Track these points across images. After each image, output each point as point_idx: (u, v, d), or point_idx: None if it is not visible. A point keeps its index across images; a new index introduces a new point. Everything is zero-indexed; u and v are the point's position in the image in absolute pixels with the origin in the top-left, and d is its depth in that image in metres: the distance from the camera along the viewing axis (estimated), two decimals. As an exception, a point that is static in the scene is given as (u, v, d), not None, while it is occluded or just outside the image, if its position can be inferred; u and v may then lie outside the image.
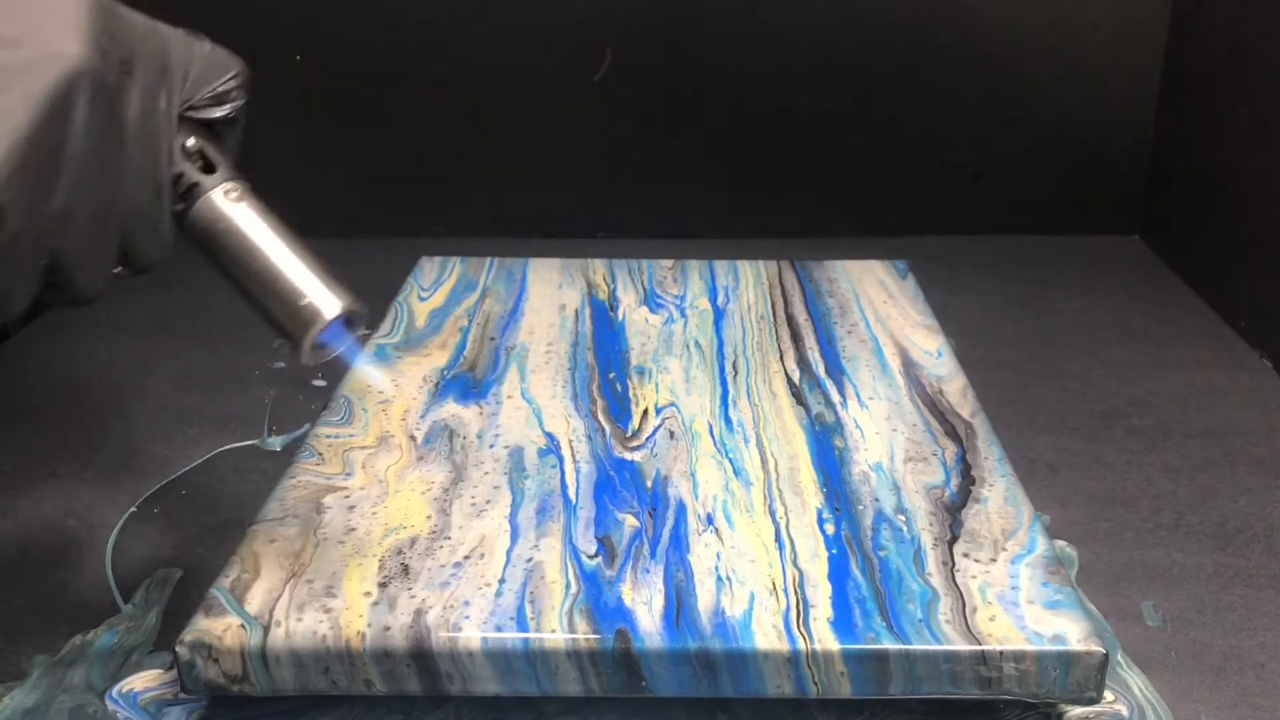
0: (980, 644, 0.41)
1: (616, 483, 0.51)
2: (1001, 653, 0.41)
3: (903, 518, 0.48)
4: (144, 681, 0.46)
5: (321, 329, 0.41)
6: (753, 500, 0.50)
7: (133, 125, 0.35)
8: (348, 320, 0.42)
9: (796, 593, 0.44)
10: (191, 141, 0.39)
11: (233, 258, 0.40)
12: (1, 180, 0.31)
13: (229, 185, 0.40)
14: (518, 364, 0.62)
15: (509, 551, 0.46)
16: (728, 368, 0.62)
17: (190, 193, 0.39)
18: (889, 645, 0.41)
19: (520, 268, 0.75)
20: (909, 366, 0.61)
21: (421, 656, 0.41)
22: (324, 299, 0.41)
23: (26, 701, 0.45)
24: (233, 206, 0.40)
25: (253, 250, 0.40)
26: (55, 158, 0.33)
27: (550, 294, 0.71)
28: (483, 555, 0.46)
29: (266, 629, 0.42)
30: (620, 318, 0.68)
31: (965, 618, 0.42)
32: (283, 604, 0.43)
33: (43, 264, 0.35)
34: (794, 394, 0.59)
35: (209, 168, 0.39)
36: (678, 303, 0.70)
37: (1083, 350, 0.74)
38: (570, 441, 0.54)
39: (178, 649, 0.42)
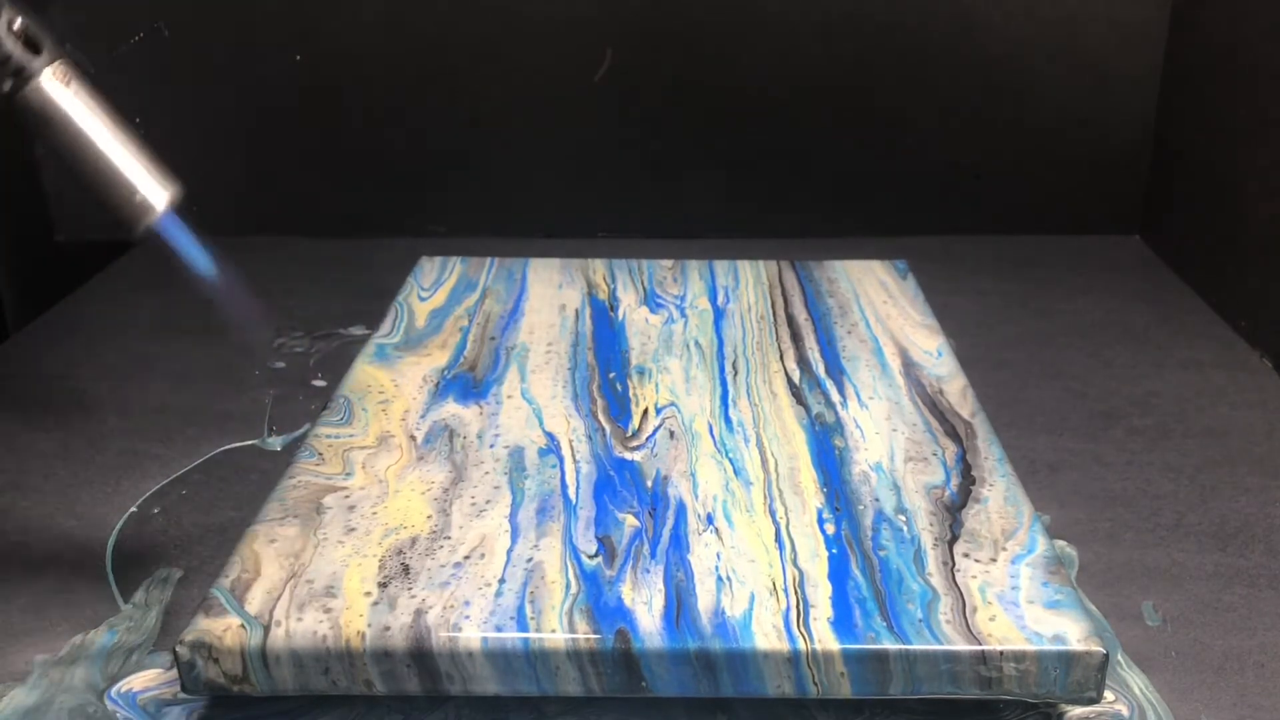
0: (980, 644, 0.41)
1: (616, 483, 0.51)
2: (1001, 653, 0.41)
3: (903, 518, 0.48)
4: (143, 681, 0.46)
5: (153, 220, 0.47)
6: (753, 500, 0.50)
7: None
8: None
9: (796, 593, 0.44)
10: (18, 23, 0.41)
11: (65, 142, 0.44)
12: None
13: (56, 67, 0.43)
14: (518, 364, 0.62)
15: (509, 551, 0.46)
16: (728, 368, 0.62)
17: (20, 74, 0.42)
18: (889, 645, 0.41)
19: (520, 268, 0.75)
20: (909, 366, 0.61)
21: (421, 656, 0.41)
22: (153, 192, 0.47)
23: (26, 701, 0.45)
24: (62, 92, 0.43)
25: (84, 139, 0.44)
26: None
27: (550, 294, 0.71)
28: (483, 555, 0.46)
29: (266, 629, 0.42)
30: (620, 318, 0.68)
31: (965, 618, 0.42)
32: (283, 604, 0.43)
33: None
34: (794, 394, 0.59)
35: (34, 48, 0.42)
36: (678, 303, 0.70)
37: (1083, 350, 0.74)
38: (570, 441, 0.54)
39: (178, 649, 0.42)
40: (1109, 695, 0.45)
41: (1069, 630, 0.42)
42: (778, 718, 0.44)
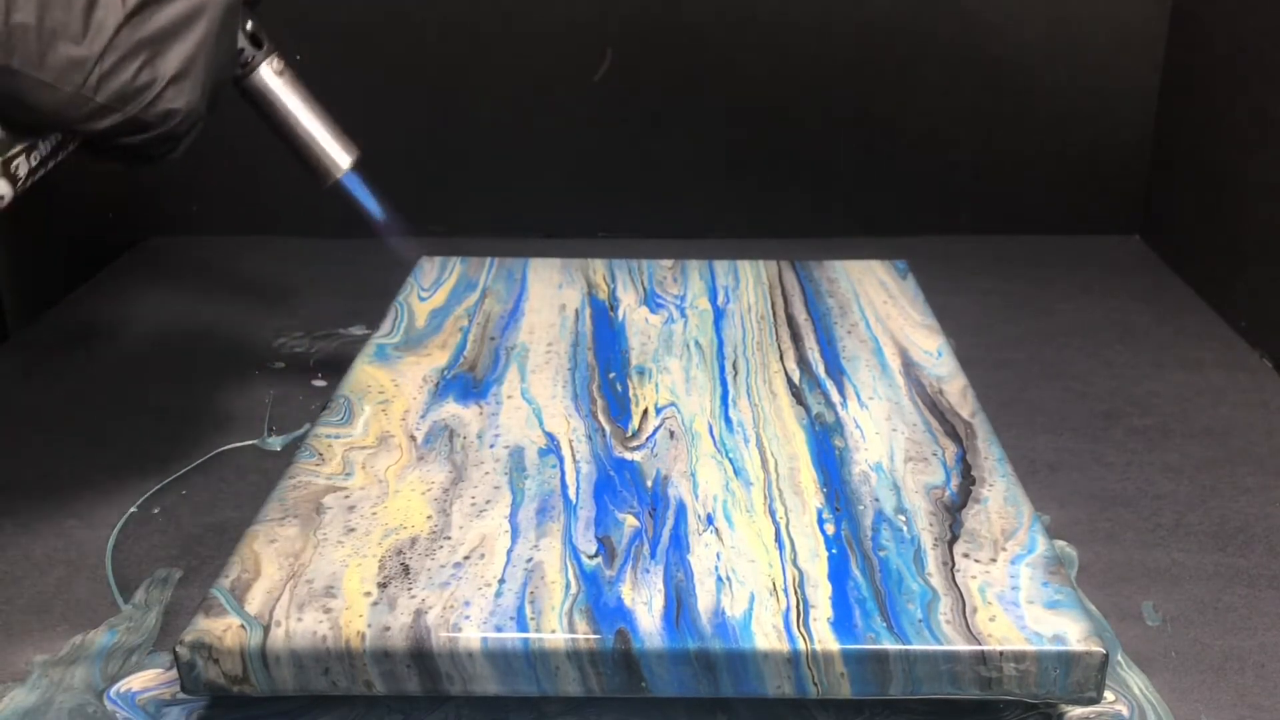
0: (980, 644, 0.41)
1: (616, 483, 0.51)
2: (1001, 653, 0.41)
3: (903, 518, 0.48)
4: (142, 681, 0.46)
5: (336, 178, 0.59)
6: (753, 500, 0.50)
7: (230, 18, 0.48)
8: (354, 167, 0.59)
9: (796, 593, 0.44)
10: (250, 25, 0.53)
11: (274, 118, 0.56)
12: (194, 86, 0.46)
13: (273, 59, 0.55)
14: (518, 364, 0.62)
15: (509, 551, 0.46)
16: (728, 368, 0.62)
17: (246, 65, 0.54)
18: (889, 645, 0.41)
19: (520, 268, 0.75)
20: (909, 366, 0.61)
21: (421, 657, 0.41)
22: (340, 156, 0.58)
23: (26, 701, 0.45)
24: (276, 79, 0.55)
25: (289, 115, 0.56)
26: (210, 57, 0.46)
27: (550, 294, 0.71)
28: (483, 555, 0.46)
29: (266, 629, 0.42)
30: (620, 318, 0.68)
31: (965, 618, 0.42)
32: (283, 604, 0.43)
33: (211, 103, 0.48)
34: (794, 394, 0.59)
35: (258, 43, 0.54)
36: (678, 303, 0.70)
37: (1083, 350, 0.74)
38: (570, 441, 0.54)
39: (178, 649, 0.42)
40: (1109, 695, 0.45)
41: (1069, 630, 0.42)
42: (778, 718, 0.44)
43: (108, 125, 0.44)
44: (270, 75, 0.55)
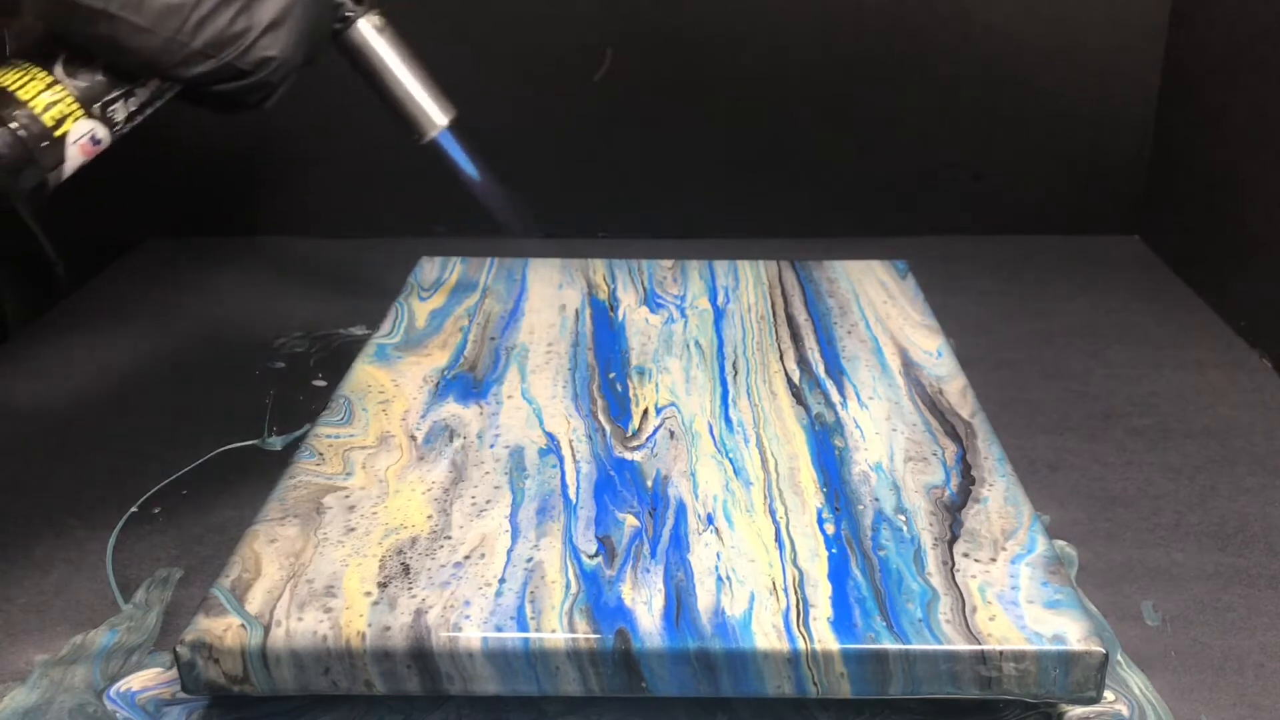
0: (980, 644, 0.41)
1: (616, 483, 0.51)
2: (1001, 652, 0.41)
3: (903, 518, 0.48)
4: (141, 681, 0.46)
5: (432, 136, 0.60)
6: (753, 500, 0.50)
7: None
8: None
9: (796, 592, 0.44)
10: None
11: (372, 73, 0.57)
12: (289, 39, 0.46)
13: (372, 15, 0.56)
14: (518, 364, 0.62)
15: (509, 551, 0.46)
16: (728, 368, 0.62)
17: (345, 20, 0.55)
18: (889, 645, 0.41)
19: (520, 268, 0.75)
20: (909, 366, 0.61)
21: (421, 656, 0.41)
22: (436, 114, 0.60)
23: (26, 701, 0.45)
24: (375, 35, 0.56)
25: (387, 71, 0.57)
26: (306, 6, 0.47)
27: (550, 294, 0.71)
28: (483, 555, 0.46)
29: (267, 629, 0.42)
30: (620, 318, 0.68)
31: (965, 617, 0.42)
32: (283, 604, 0.43)
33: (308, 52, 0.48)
34: (794, 394, 0.59)
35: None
36: (678, 303, 0.70)
37: (1083, 350, 0.74)
38: (570, 441, 0.54)
39: (178, 649, 0.42)
40: (1109, 695, 0.45)
41: (1069, 630, 0.42)
42: (778, 717, 0.44)
43: (202, 71, 0.44)
44: (370, 30, 0.56)
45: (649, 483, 0.51)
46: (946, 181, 0.93)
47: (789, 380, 0.60)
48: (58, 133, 0.43)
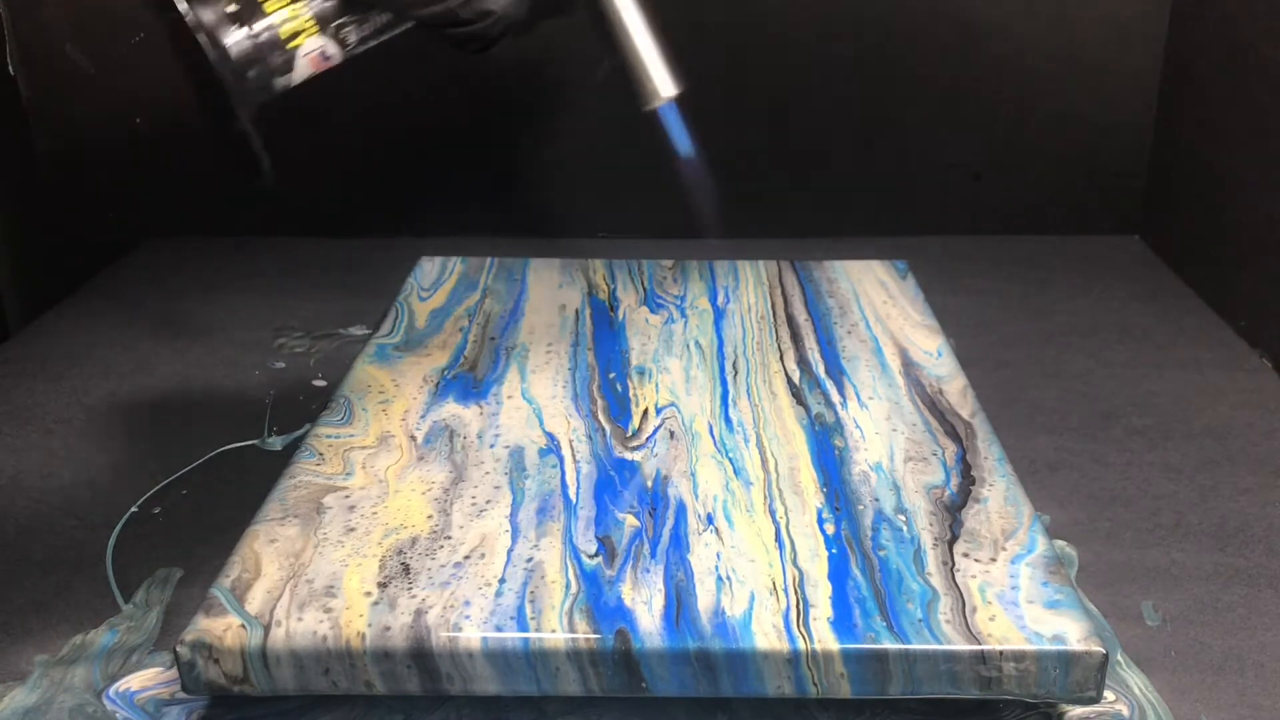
0: (980, 644, 0.41)
1: (617, 482, 0.51)
2: (1001, 652, 0.41)
3: (903, 518, 0.48)
4: (140, 680, 0.46)
5: (657, 105, 0.60)
6: (753, 500, 0.50)
7: None
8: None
9: (796, 592, 0.44)
10: None
11: (610, 30, 0.59)
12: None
13: None
14: (518, 364, 0.62)
15: (509, 551, 0.46)
16: (728, 368, 0.62)
17: None
18: (889, 645, 0.41)
19: (520, 268, 0.75)
20: (909, 366, 0.61)
21: (421, 657, 0.41)
22: (663, 83, 0.60)
23: (27, 701, 0.45)
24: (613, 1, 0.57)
25: (626, 33, 0.59)
26: None
27: (550, 294, 0.71)
28: (483, 555, 0.46)
29: (267, 629, 0.42)
30: (620, 318, 0.68)
31: (965, 617, 0.42)
32: (283, 604, 0.43)
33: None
34: (794, 394, 0.59)
35: None
36: (678, 303, 0.70)
37: (1083, 350, 0.74)
38: (570, 441, 0.54)
39: (178, 649, 0.42)
40: (1109, 695, 0.45)
41: (1069, 630, 0.42)
42: (778, 717, 0.44)
43: (428, 14, 0.49)
44: None
45: (649, 483, 0.51)
46: (946, 181, 0.93)
47: (789, 380, 0.60)
48: (291, 44, 0.47)
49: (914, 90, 0.91)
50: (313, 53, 0.48)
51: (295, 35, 0.48)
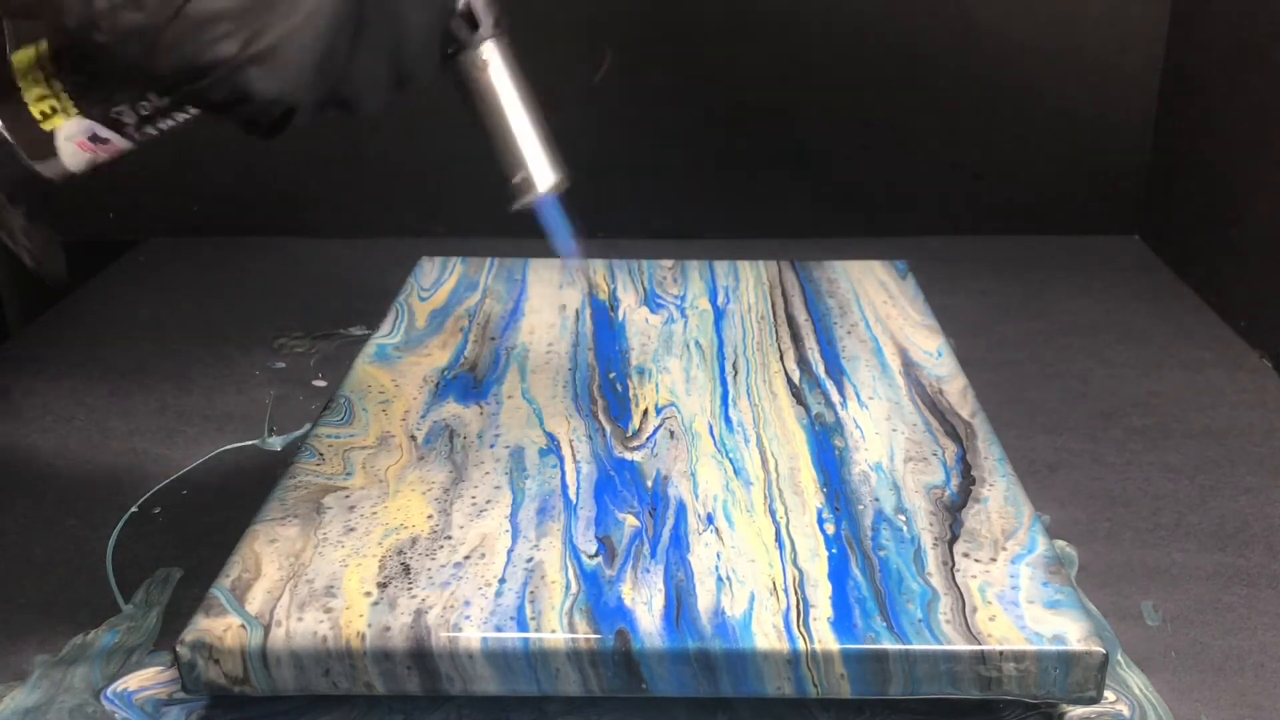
0: (980, 644, 0.41)
1: (617, 483, 0.51)
2: (1001, 653, 0.41)
3: (903, 517, 0.48)
4: (139, 681, 0.46)
5: (531, 200, 0.51)
6: (753, 500, 0.50)
7: None
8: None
9: (796, 592, 0.44)
10: (463, 3, 0.48)
11: (477, 109, 0.50)
12: (300, 70, 0.40)
13: (487, 44, 0.49)
14: (518, 364, 0.62)
15: (509, 551, 0.46)
16: (728, 368, 0.62)
17: (459, 47, 0.48)
18: (889, 645, 0.41)
19: (520, 268, 0.75)
20: (909, 366, 0.61)
21: (421, 657, 0.41)
22: (539, 174, 0.51)
23: (27, 701, 0.45)
24: (482, 74, 0.49)
25: (493, 112, 0.50)
26: (323, 37, 0.41)
27: (550, 294, 0.71)
28: (483, 555, 0.46)
29: (267, 629, 0.42)
30: (620, 318, 0.68)
31: (965, 617, 0.42)
32: (283, 604, 0.43)
33: (328, 91, 0.43)
34: (794, 394, 0.59)
35: (474, 24, 0.48)
36: (678, 303, 0.70)
37: (1083, 350, 0.74)
38: (571, 441, 0.54)
39: (178, 649, 0.42)
40: (1109, 695, 0.45)
41: (1069, 630, 0.42)
42: (778, 717, 0.44)
43: (178, 96, 0.42)
44: (479, 64, 0.49)
45: (649, 483, 0.51)
46: (946, 181, 0.93)
47: (789, 380, 0.60)
48: (46, 125, 0.43)
49: (914, 90, 0.91)
50: (77, 136, 0.43)
51: (49, 116, 0.43)
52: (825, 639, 0.41)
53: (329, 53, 0.41)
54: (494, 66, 0.49)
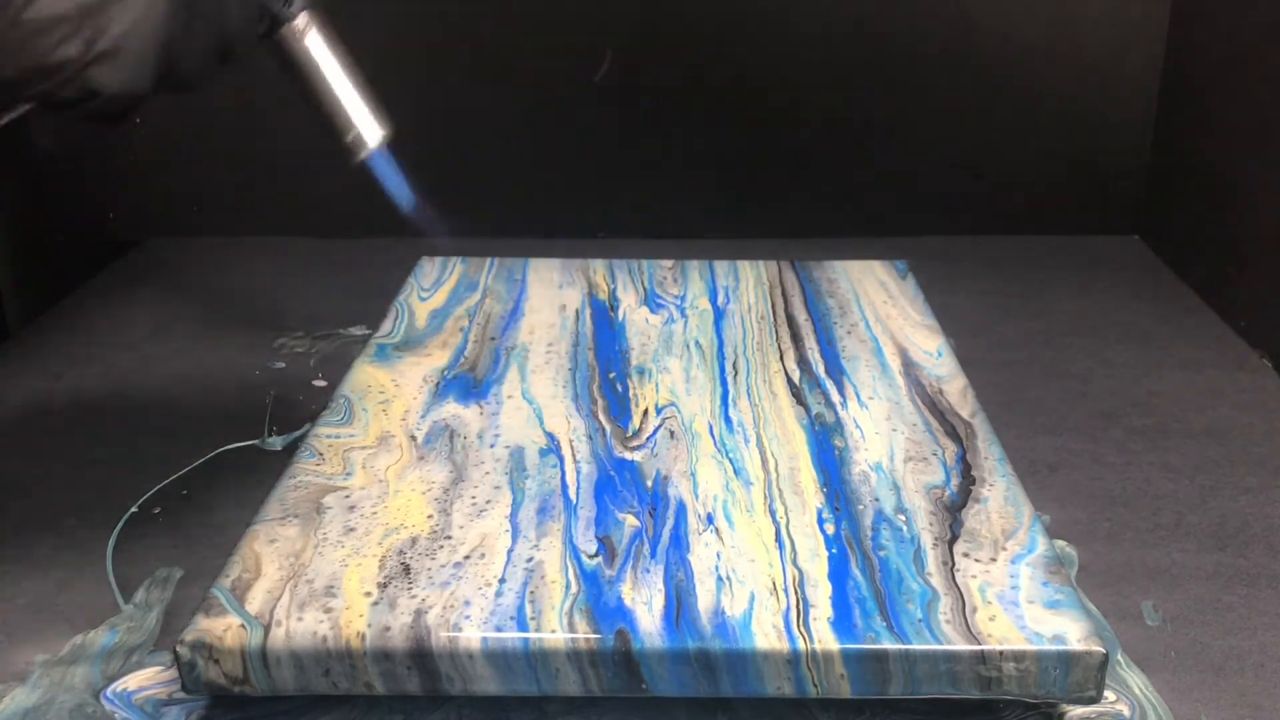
0: (980, 644, 0.41)
1: (617, 482, 0.51)
2: (1001, 653, 0.41)
3: (903, 517, 0.48)
4: (139, 681, 0.46)
5: (365, 156, 0.55)
6: (753, 500, 0.50)
7: None
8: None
9: (796, 592, 0.44)
10: None
11: (300, 80, 0.52)
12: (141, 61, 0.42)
13: (303, 16, 0.51)
14: (518, 364, 0.62)
15: (509, 551, 0.46)
16: (728, 368, 0.62)
17: (274, 20, 0.50)
18: (889, 645, 0.41)
19: (520, 268, 0.75)
20: (909, 366, 0.61)
21: (421, 657, 0.41)
22: (368, 131, 0.54)
23: (27, 701, 0.45)
24: (299, 43, 0.51)
25: (317, 80, 0.52)
26: (159, 30, 0.42)
27: (550, 294, 0.71)
28: (483, 555, 0.46)
29: (267, 629, 0.42)
30: (620, 318, 0.68)
31: (965, 617, 0.42)
32: (283, 604, 0.43)
33: (165, 76, 0.44)
34: (794, 394, 0.59)
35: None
36: (678, 303, 0.70)
37: (1083, 350, 0.74)
38: (571, 441, 0.54)
39: (178, 649, 0.42)
40: (1109, 695, 0.45)
41: (1069, 630, 0.42)
42: (778, 717, 0.44)
43: (30, 95, 0.42)
44: (295, 35, 0.51)
45: (649, 483, 0.51)
46: (946, 181, 0.93)
47: (789, 380, 0.60)
48: None
49: (914, 90, 0.91)
50: None
51: None
52: (825, 639, 0.41)
53: (168, 41, 0.43)
54: (311, 34, 0.51)
